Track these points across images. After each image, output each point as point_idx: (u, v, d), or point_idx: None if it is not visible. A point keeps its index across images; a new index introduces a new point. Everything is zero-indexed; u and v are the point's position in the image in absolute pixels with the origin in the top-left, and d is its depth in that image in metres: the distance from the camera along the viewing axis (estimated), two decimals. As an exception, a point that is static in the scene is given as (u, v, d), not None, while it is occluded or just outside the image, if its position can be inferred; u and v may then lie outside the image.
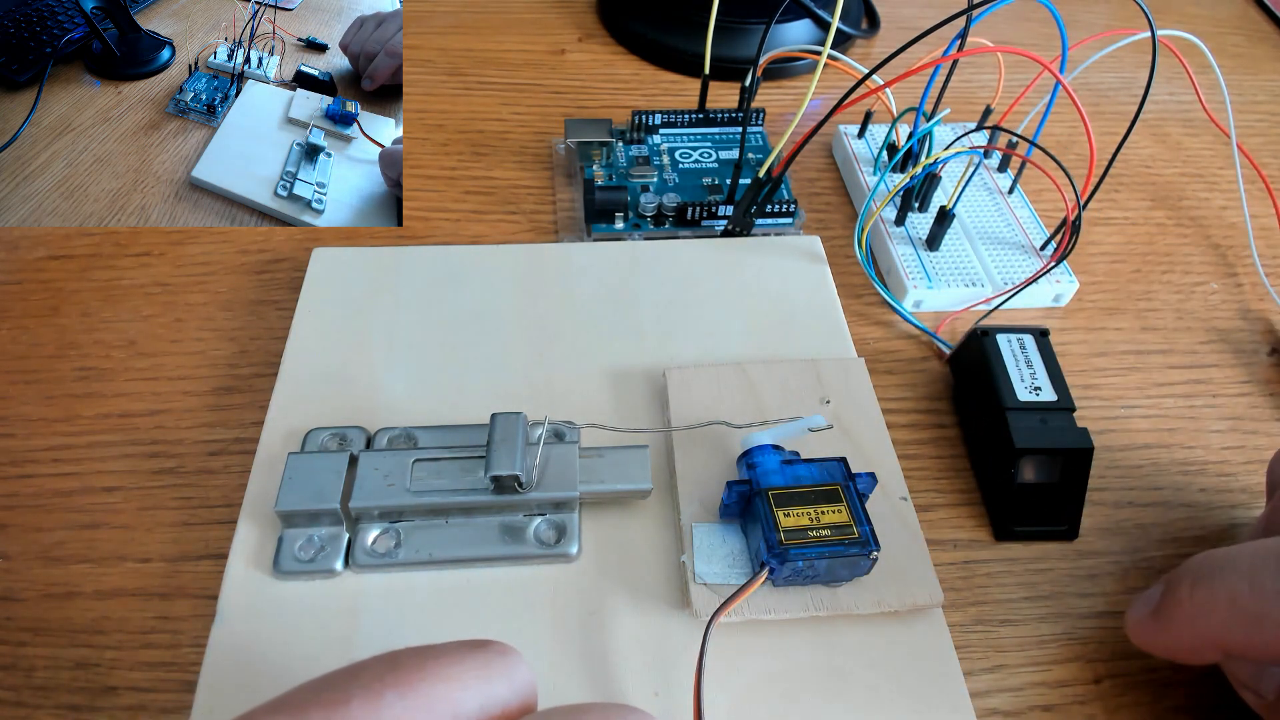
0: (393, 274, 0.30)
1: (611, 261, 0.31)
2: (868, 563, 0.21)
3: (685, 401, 0.26)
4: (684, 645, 0.22)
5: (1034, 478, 0.25)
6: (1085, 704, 0.23)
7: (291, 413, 0.26)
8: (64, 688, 0.22)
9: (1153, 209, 0.37)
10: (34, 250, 0.32)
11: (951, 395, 0.29)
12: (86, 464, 0.26)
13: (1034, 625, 0.24)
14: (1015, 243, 0.33)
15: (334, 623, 0.22)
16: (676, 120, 0.37)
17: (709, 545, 0.23)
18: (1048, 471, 0.25)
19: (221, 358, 0.29)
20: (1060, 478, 0.25)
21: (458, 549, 0.23)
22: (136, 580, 0.24)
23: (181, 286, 0.31)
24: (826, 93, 0.42)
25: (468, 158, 0.37)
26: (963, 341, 0.29)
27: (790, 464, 0.23)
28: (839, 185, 0.37)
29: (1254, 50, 0.47)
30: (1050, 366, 0.26)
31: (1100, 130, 0.40)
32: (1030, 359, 0.27)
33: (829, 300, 0.30)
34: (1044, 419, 0.25)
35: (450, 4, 0.46)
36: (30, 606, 0.23)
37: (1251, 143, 0.41)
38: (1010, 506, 0.25)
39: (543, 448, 0.24)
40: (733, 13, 0.41)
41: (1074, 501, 0.25)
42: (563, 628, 0.22)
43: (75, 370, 0.28)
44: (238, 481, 0.26)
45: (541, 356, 0.28)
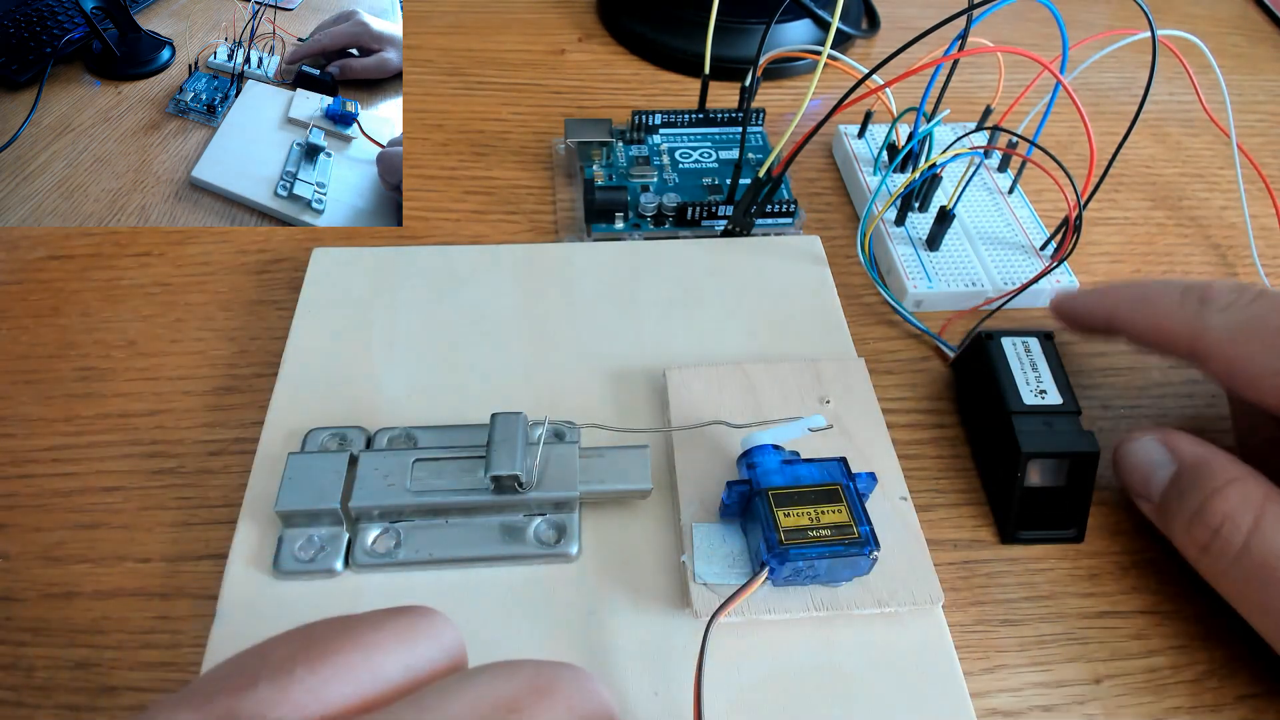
0: (393, 274, 0.30)
1: (611, 261, 0.31)
2: (868, 563, 0.21)
3: (685, 401, 0.26)
4: (684, 645, 0.22)
5: (1040, 482, 0.25)
6: (1085, 704, 0.23)
7: (291, 413, 0.26)
8: (64, 688, 0.22)
9: (1153, 209, 0.37)
10: (34, 250, 0.32)
11: (954, 397, 0.29)
12: (86, 464, 0.26)
13: (1034, 625, 0.24)
14: (1015, 243, 0.33)
15: (334, 623, 0.22)
16: (676, 120, 0.37)
17: (709, 545, 0.23)
18: (1054, 475, 0.25)
19: (221, 358, 0.29)
20: (1067, 481, 0.25)
21: (458, 549, 0.23)
22: (136, 580, 0.24)
23: (181, 286, 0.31)
24: (826, 93, 0.42)
25: (468, 158, 0.37)
26: (967, 345, 0.28)
27: (790, 464, 0.23)
28: (839, 185, 0.37)
29: (1254, 50, 0.47)
30: (1055, 369, 0.26)
31: (1100, 130, 0.40)
32: (1035, 362, 0.27)
33: (829, 300, 0.30)
34: (1050, 422, 0.25)
35: (450, 4, 0.46)
36: (30, 606, 0.23)
37: (1251, 143, 0.41)
38: (1017, 511, 0.25)
39: (543, 448, 0.24)
40: (733, 13, 0.41)
41: (1080, 505, 0.25)
42: (563, 628, 0.22)
43: (75, 370, 0.28)
44: (238, 481, 0.26)
45: (541, 356, 0.28)
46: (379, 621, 0.15)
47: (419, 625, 0.15)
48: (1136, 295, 0.25)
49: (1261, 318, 0.23)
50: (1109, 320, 0.26)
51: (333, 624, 0.15)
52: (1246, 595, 0.22)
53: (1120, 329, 0.26)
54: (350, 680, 0.13)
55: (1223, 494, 0.22)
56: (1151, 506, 0.24)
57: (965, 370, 0.29)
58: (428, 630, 0.15)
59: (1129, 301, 0.26)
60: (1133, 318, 0.25)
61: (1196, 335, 0.24)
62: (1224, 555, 0.22)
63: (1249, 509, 0.22)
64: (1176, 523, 0.23)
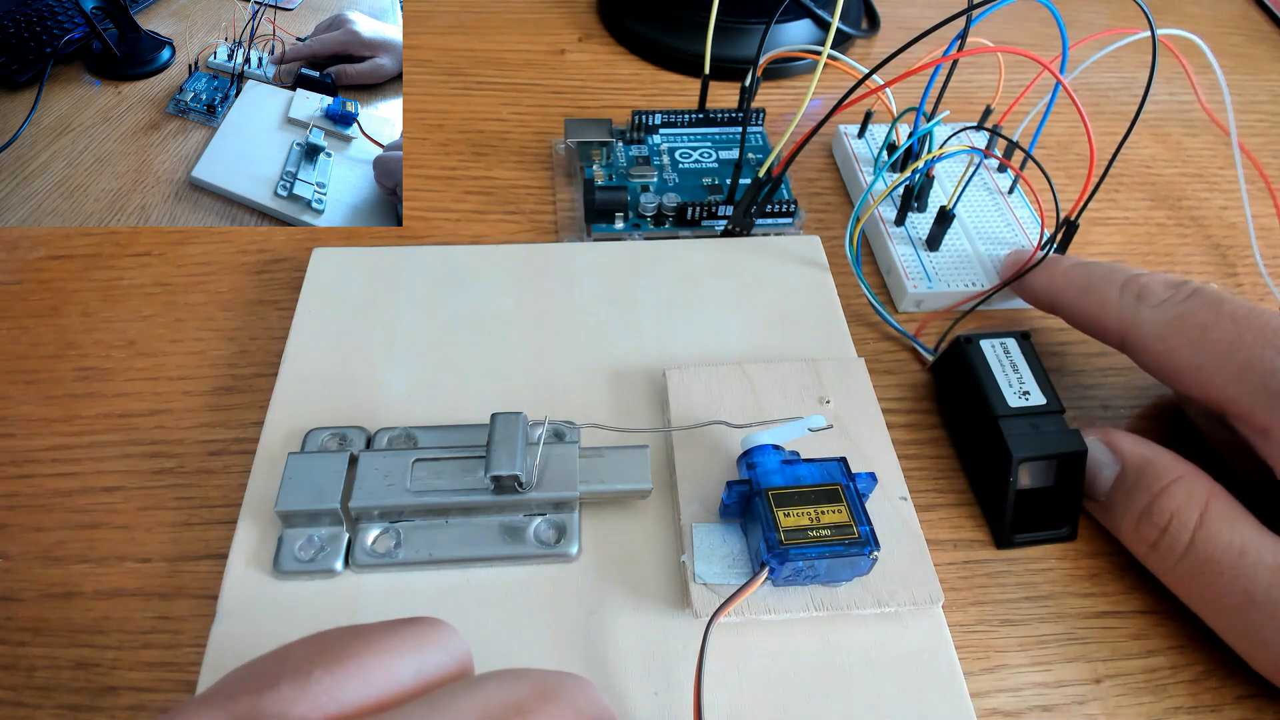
0: (393, 274, 0.30)
1: (611, 261, 0.31)
2: (868, 563, 0.21)
3: (685, 401, 0.26)
4: (684, 645, 0.22)
5: (1030, 483, 0.25)
6: (1085, 704, 0.23)
7: (291, 413, 0.26)
8: (64, 688, 0.22)
9: (1153, 209, 0.37)
10: (34, 250, 0.32)
11: (935, 399, 0.29)
12: (86, 464, 0.26)
13: (1034, 625, 0.24)
14: (1015, 243, 0.33)
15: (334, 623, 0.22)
16: (676, 120, 0.37)
17: (709, 545, 0.23)
18: (1044, 476, 0.25)
19: (221, 358, 0.29)
20: (1056, 481, 0.25)
21: (458, 549, 0.23)
22: (136, 580, 0.24)
23: (181, 286, 0.31)
24: (826, 93, 0.42)
25: (468, 158, 0.37)
26: (946, 349, 0.28)
27: (790, 464, 0.23)
28: (839, 185, 0.37)
29: (1254, 50, 0.47)
30: (1035, 369, 0.26)
31: (1100, 130, 0.40)
32: (1016, 363, 0.27)
33: (829, 300, 0.30)
34: (1036, 424, 0.25)
35: (450, 4, 0.46)
36: (30, 606, 0.23)
37: (1252, 143, 0.41)
38: (1010, 515, 0.25)
39: (543, 448, 0.24)
40: (733, 13, 0.41)
41: (1071, 503, 0.25)
42: (563, 628, 0.22)
43: (75, 370, 0.28)
44: (238, 481, 0.26)
45: (541, 356, 0.28)
46: (392, 630, 0.15)
47: (429, 634, 0.16)
48: (1080, 283, 0.27)
49: (1190, 314, 0.24)
50: (1052, 303, 0.28)
51: (348, 631, 0.15)
52: (1195, 591, 0.22)
53: (1060, 312, 0.28)
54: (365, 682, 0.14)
55: (1168, 492, 0.23)
56: (1097, 506, 0.25)
57: (946, 374, 0.29)
58: (437, 639, 0.16)
59: (1073, 288, 0.27)
60: (1073, 304, 0.27)
61: (1128, 328, 0.25)
62: (1172, 552, 0.22)
63: (1194, 506, 0.22)
64: (1124, 522, 0.24)
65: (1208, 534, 0.22)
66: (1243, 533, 0.22)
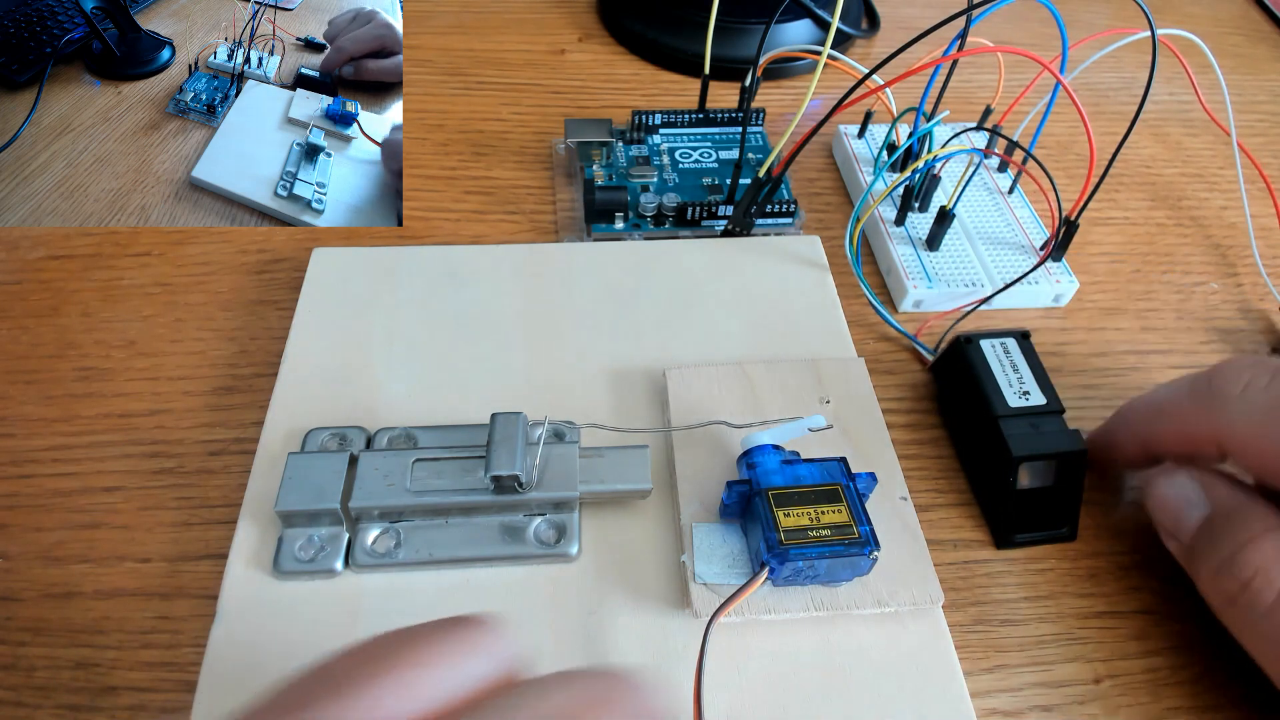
0: (393, 274, 0.30)
1: (611, 261, 0.31)
2: (868, 563, 0.21)
3: (685, 401, 0.26)
4: (684, 645, 0.22)
5: (1030, 483, 0.25)
6: (1085, 704, 0.23)
7: (291, 413, 0.26)
8: (64, 688, 0.22)
9: (1153, 209, 0.37)
10: (34, 250, 0.32)
11: (935, 399, 0.29)
12: (86, 464, 0.26)
13: (1034, 625, 0.24)
14: (1015, 243, 0.33)
15: (334, 623, 0.22)
16: (676, 120, 0.37)
17: (709, 545, 0.23)
18: (1043, 476, 0.25)
19: (221, 358, 0.29)
20: (1056, 481, 0.25)
21: (458, 549, 0.23)
22: (136, 580, 0.24)
23: (181, 286, 0.31)
24: (826, 93, 0.42)
25: (468, 158, 0.37)
26: (946, 349, 0.28)
27: (790, 464, 0.23)
28: (839, 185, 0.37)
29: (1254, 50, 0.47)
30: (1035, 369, 0.26)
31: (1100, 130, 0.40)
32: (1016, 363, 0.27)
33: (829, 300, 0.30)
34: (1036, 424, 0.25)
35: (450, 4, 0.46)
36: (30, 606, 0.23)
37: (1252, 143, 0.41)
38: (1010, 515, 0.25)
39: (543, 448, 0.24)
40: (733, 13, 0.41)
41: (1071, 503, 0.25)
42: (563, 628, 0.22)
43: (75, 370, 0.28)
44: (238, 481, 0.26)
45: (541, 356, 0.28)
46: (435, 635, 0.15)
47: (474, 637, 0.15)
48: (1150, 411, 0.24)
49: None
50: (1145, 451, 0.25)
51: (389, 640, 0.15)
52: (1271, 652, 0.21)
53: (1158, 454, 0.25)
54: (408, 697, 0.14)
55: (1257, 544, 0.21)
56: (1179, 547, 0.23)
57: (946, 374, 0.28)
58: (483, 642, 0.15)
59: (1144, 422, 0.24)
60: (1158, 439, 0.24)
61: (1221, 434, 0.22)
62: (1253, 609, 0.21)
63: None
64: (1204, 568, 0.22)
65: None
66: None
